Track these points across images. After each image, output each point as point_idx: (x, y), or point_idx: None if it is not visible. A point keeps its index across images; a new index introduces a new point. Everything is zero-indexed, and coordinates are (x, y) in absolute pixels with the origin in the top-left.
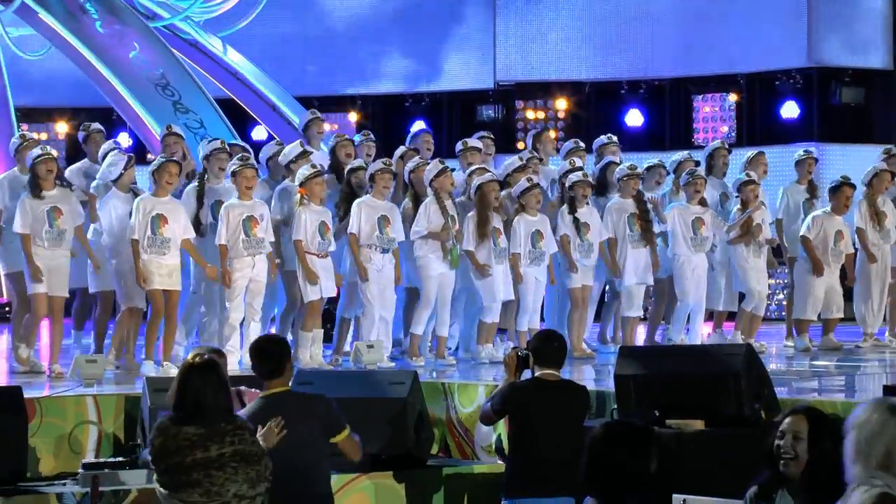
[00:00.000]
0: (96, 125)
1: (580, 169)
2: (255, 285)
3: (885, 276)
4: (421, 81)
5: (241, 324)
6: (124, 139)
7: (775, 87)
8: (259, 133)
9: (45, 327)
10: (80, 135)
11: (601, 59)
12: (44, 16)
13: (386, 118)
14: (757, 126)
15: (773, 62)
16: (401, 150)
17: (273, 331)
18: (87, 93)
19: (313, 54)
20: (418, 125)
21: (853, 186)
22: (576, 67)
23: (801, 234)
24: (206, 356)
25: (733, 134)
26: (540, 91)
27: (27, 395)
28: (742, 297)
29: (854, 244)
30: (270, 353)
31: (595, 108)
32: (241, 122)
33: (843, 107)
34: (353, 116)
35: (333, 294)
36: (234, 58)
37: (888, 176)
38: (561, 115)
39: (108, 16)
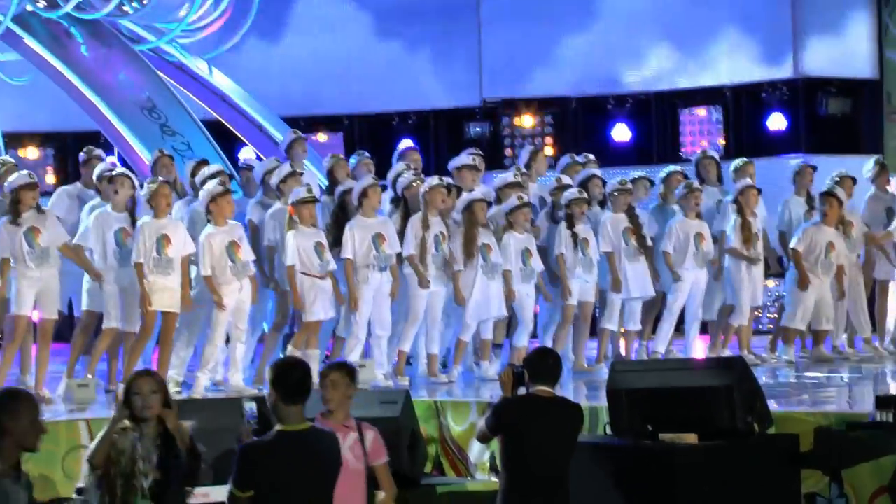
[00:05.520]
0: (99, 151)
1: (570, 185)
2: (241, 306)
3: (857, 286)
4: (407, 100)
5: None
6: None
7: (762, 99)
8: (246, 153)
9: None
10: (81, 156)
11: (586, 75)
12: (28, 41)
13: (373, 137)
14: (744, 138)
15: (759, 74)
16: (397, 167)
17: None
18: (73, 117)
19: (299, 74)
20: (405, 143)
21: (839, 199)
22: (562, 83)
23: (791, 246)
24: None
25: (721, 146)
26: (527, 107)
27: None
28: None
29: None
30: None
31: (582, 122)
32: (229, 144)
33: (830, 117)
34: (332, 137)
35: (332, 316)
36: (220, 80)
37: (850, 183)
38: (548, 130)
39: (94, 40)
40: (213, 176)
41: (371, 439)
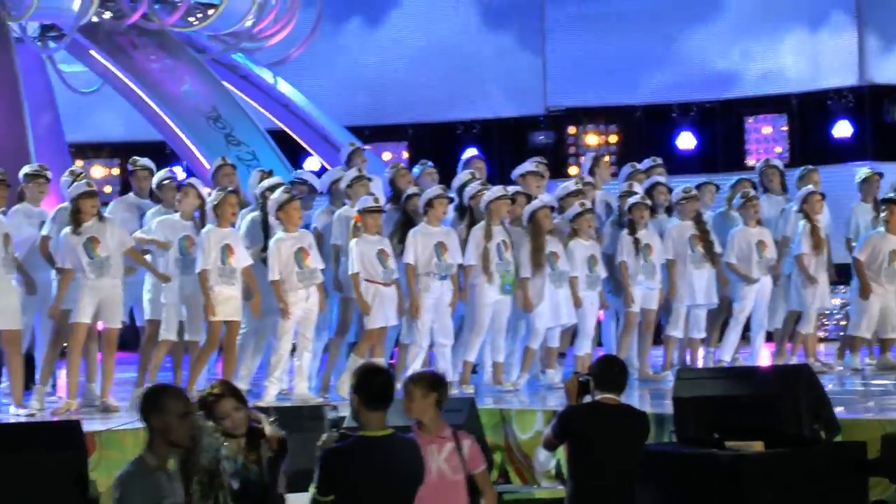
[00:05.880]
0: (144, 161)
1: (637, 193)
2: (308, 315)
3: None
4: (471, 109)
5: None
6: (178, 173)
7: (827, 107)
8: (311, 163)
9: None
10: (128, 167)
11: (651, 83)
12: (94, 52)
13: (437, 146)
14: (809, 146)
15: (825, 82)
16: (462, 176)
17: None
18: (139, 128)
19: (364, 84)
20: (470, 152)
21: None
22: (626, 91)
23: (853, 255)
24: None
25: (786, 155)
26: (590, 116)
27: (86, 429)
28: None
29: None
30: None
31: (646, 131)
32: (293, 153)
33: None
34: (396, 147)
35: (395, 323)
36: (285, 89)
37: None
38: (612, 139)
39: (159, 50)
40: (271, 188)
41: (468, 447)
